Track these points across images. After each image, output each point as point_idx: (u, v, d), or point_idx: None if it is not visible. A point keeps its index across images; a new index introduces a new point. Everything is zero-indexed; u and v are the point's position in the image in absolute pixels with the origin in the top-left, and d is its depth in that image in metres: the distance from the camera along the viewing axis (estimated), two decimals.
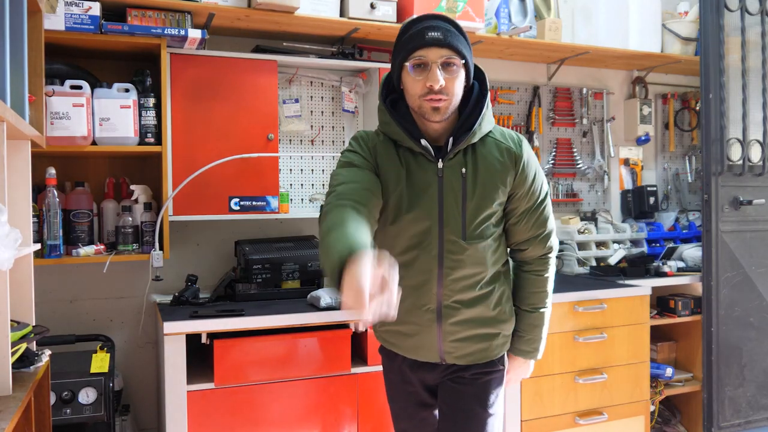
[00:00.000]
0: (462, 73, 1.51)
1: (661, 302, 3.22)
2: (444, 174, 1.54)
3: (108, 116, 2.25)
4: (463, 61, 1.50)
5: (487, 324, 1.62)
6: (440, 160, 1.54)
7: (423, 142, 1.53)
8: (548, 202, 1.66)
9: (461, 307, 1.59)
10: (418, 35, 1.48)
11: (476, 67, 1.60)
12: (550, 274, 1.70)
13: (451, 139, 1.53)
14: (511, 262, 1.73)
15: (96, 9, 2.21)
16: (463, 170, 1.54)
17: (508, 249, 1.71)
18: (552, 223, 1.68)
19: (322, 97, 2.84)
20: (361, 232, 1.26)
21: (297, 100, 2.78)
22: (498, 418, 1.69)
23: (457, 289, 1.58)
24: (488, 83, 1.60)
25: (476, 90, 1.58)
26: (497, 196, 1.56)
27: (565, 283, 2.93)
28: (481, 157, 1.56)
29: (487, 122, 1.58)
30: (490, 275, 1.61)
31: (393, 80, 1.58)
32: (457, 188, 1.54)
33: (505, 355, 1.72)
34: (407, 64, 1.49)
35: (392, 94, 1.60)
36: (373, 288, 1.10)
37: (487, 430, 1.66)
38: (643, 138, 3.51)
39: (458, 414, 1.67)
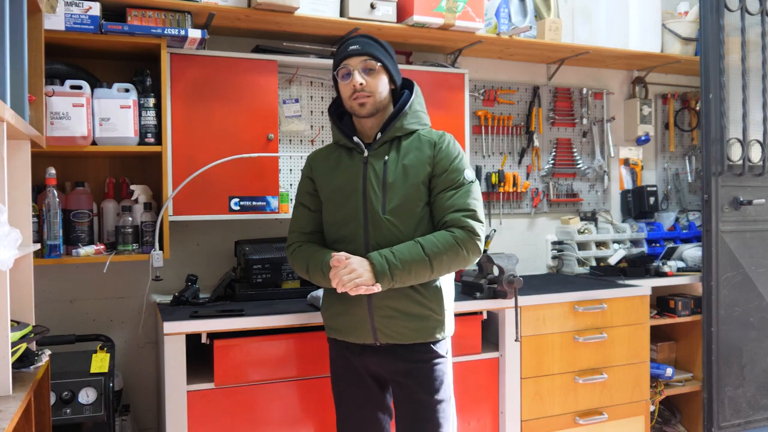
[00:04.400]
0: (383, 76, 1.85)
1: (661, 302, 3.22)
2: (369, 161, 1.87)
3: (108, 116, 2.25)
4: (380, 65, 1.82)
5: (415, 302, 1.82)
6: (366, 150, 1.87)
7: (355, 138, 1.88)
8: (473, 190, 1.84)
9: None
10: (342, 50, 1.85)
11: (407, 80, 1.94)
12: (457, 244, 1.77)
13: (378, 134, 1.86)
14: None
15: (96, 9, 2.21)
16: (386, 157, 1.86)
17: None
18: (476, 207, 1.82)
19: (322, 97, 2.84)
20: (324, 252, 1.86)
21: (297, 100, 2.77)
22: (449, 404, 1.89)
23: None
24: (417, 91, 1.92)
25: (405, 95, 1.90)
26: (417, 178, 1.83)
27: (565, 283, 2.93)
28: (404, 147, 1.87)
29: (413, 121, 1.89)
30: None
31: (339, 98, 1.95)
32: (379, 171, 1.84)
33: (448, 344, 1.92)
34: (336, 74, 1.86)
35: (340, 109, 1.96)
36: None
37: (438, 416, 1.85)
38: (643, 138, 3.51)
39: (408, 405, 1.87)
